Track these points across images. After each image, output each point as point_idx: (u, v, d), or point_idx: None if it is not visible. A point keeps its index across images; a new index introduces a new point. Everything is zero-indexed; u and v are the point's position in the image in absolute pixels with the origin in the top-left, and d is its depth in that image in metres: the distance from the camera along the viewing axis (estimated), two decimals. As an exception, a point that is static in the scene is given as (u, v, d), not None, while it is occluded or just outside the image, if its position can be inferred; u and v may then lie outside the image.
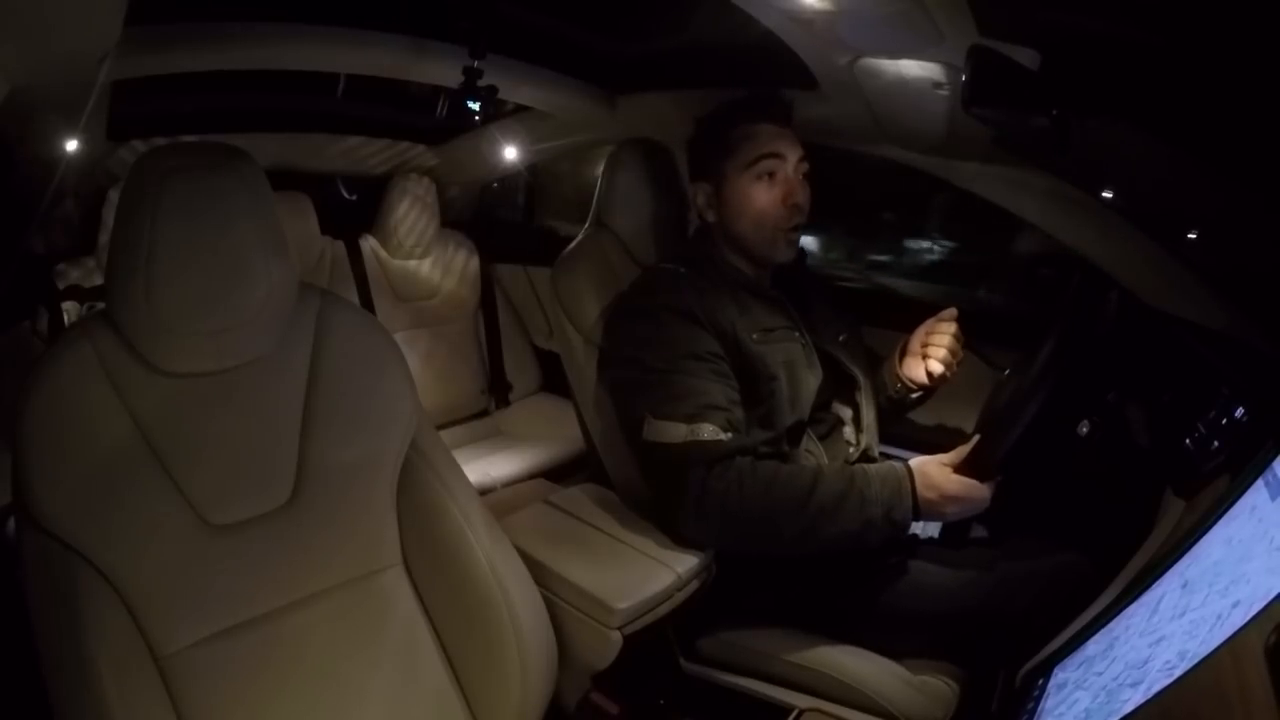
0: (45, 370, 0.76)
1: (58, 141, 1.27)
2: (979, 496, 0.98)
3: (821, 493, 0.98)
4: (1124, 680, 0.62)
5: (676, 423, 1.02)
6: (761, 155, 1.13)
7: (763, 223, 1.14)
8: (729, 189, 1.16)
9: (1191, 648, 0.57)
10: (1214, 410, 0.90)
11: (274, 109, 1.84)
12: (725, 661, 1.12)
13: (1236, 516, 0.67)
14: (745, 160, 1.14)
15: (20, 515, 0.75)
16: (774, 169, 1.13)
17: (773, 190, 1.14)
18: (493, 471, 1.83)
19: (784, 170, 1.14)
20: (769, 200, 1.13)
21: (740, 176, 1.14)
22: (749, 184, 1.14)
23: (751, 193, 1.14)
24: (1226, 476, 0.81)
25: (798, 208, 1.14)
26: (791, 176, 1.14)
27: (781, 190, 1.13)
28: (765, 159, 1.13)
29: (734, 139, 1.15)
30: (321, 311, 0.91)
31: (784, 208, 1.13)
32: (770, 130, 1.14)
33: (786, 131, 1.15)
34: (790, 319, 1.17)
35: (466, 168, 2.18)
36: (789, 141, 1.14)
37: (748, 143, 1.14)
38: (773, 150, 1.13)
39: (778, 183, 1.14)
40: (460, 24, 1.37)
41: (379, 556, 0.92)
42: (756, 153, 1.13)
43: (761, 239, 1.15)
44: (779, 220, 1.14)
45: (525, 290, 2.28)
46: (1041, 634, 0.88)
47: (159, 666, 0.77)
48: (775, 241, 1.15)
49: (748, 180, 1.14)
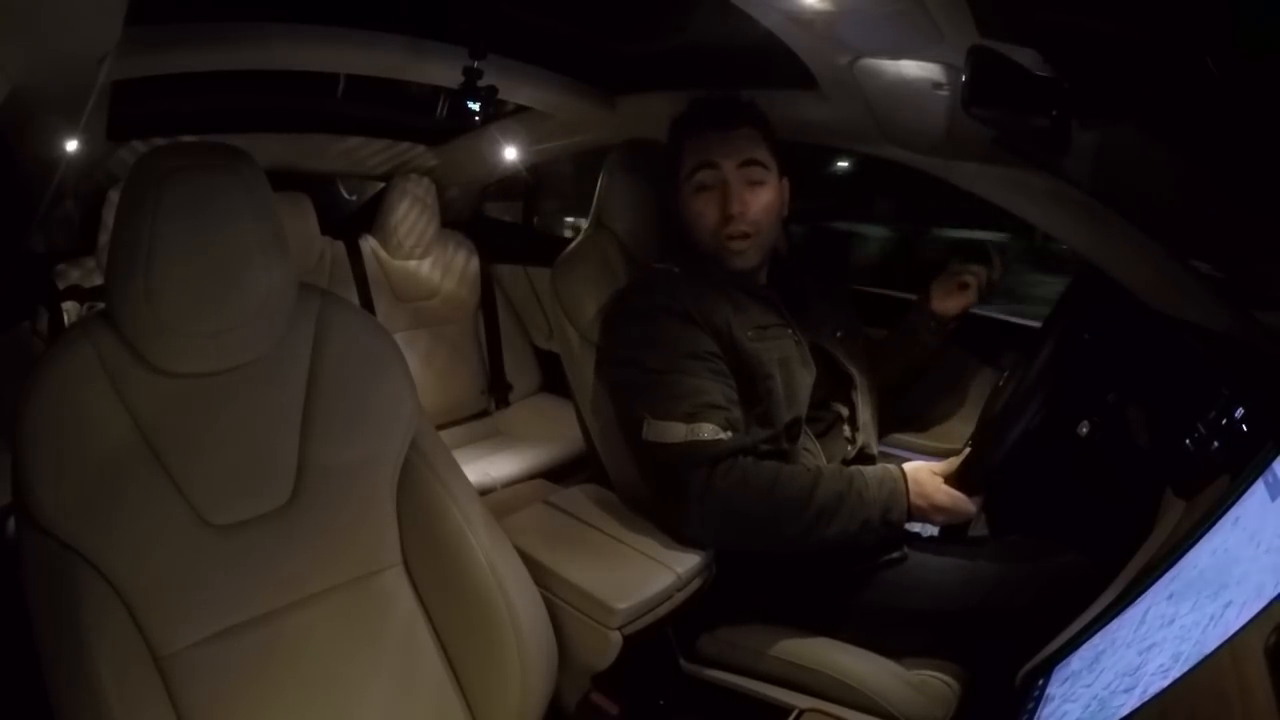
0: (45, 370, 0.76)
1: (58, 141, 1.27)
2: (965, 510, 1.03)
3: (822, 493, 1.00)
4: (1116, 688, 0.62)
5: (676, 422, 1.02)
6: (695, 166, 1.13)
7: (704, 233, 1.15)
8: (679, 200, 1.17)
9: (1185, 649, 0.57)
10: (1214, 410, 0.90)
11: (274, 109, 1.84)
12: (725, 661, 1.12)
13: (1236, 516, 0.67)
14: (684, 173, 1.15)
15: (20, 515, 0.75)
16: (707, 180, 1.13)
17: (709, 201, 1.13)
18: (493, 471, 1.83)
19: (719, 178, 1.12)
20: (706, 211, 1.13)
21: (683, 188, 1.16)
22: (689, 196, 1.15)
23: (691, 204, 1.15)
24: (1226, 476, 0.81)
25: (735, 217, 1.12)
26: (730, 183, 1.12)
27: (717, 200, 1.13)
28: (699, 170, 1.13)
29: (680, 150, 1.16)
30: (321, 312, 0.91)
31: (721, 217, 1.13)
32: (710, 138, 1.13)
33: (730, 136, 1.13)
34: (783, 317, 1.17)
35: (466, 168, 2.18)
36: (729, 148, 1.12)
37: (687, 154, 1.15)
38: (705, 160, 1.12)
39: (714, 195, 1.13)
40: (460, 24, 1.37)
41: (379, 557, 0.92)
42: (690, 164, 1.14)
43: (710, 248, 1.16)
44: (718, 229, 1.13)
45: (525, 290, 2.28)
46: (1041, 634, 0.88)
47: (159, 666, 0.77)
48: (721, 250, 1.15)
49: (688, 192, 1.15)
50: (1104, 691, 0.64)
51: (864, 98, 1.18)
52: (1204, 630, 0.57)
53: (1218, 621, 0.56)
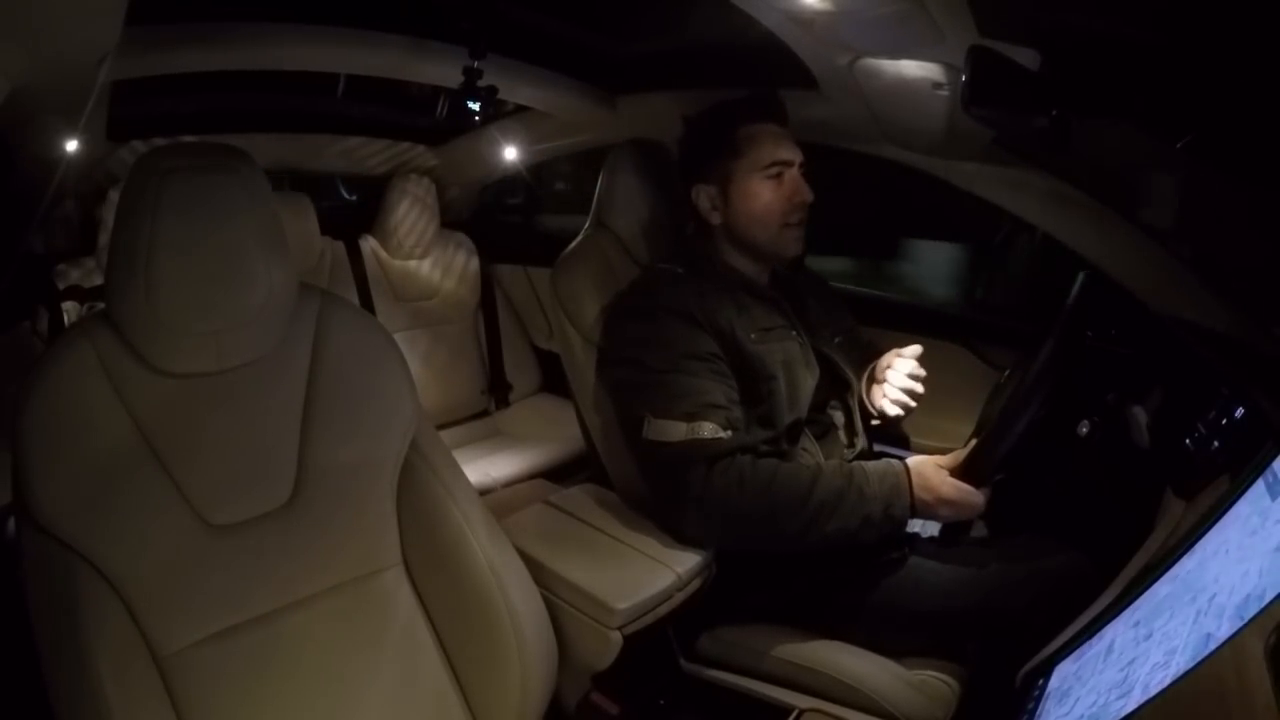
0: (45, 370, 0.76)
1: (58, 141, 1.27)
2: (973, 502, 1.01)
3: (821, 489, 1.00)
4: (1116, 687, 0.63)
5: (676, 422, 1.02)
6: (774, 161, 1.15)
7: (771, 221, 1.16)
8: (737, 190, 1.17)
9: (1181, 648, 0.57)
10: (1214, 410, 0.90)
11: (274, 109, 1.84)
12: (725, 661, 1.12)
13: (1236, 516, 0.67)
14: (757, 164, 1.15)
15: (20, 515, 0.75)
16: (783, 171, 1.16)
17: (781, 189, 1.15)
18: (493, 471, 1.83)
19: (791, 171, 1.16)
20: (778, 199, 1.15)
21: (750, 177, 1.16)
22: (759, 184, 1.15)
23: (761, 193, 1.15)
24: (1226, 476, 0.81)
25: (805, 204, 1.16)
26: (798, 175, 1.16)
27: (790, 188, 1.15)
28: (776, 164, 1.15)
29: (740, 140, 1.16)
30: (321, 312, 0.91)
31: (791, 204, 1.15)
32: (776, 133, 1.17)
33: (788, 133, 1.18)
34: (787, 318, 1.18)
35: (466, 168, 2.18)
36: (793, 145, 1.17)
37: (756, 146, 1.15)
38: (784, 158, 1.16)
39: (786, 182, 1.16)
40: (460, 24, 1.37)
41: (379, 557, 0.92)
42: (770, 158, 1.15)
43: (770, 236, 1.17)
44: (788, 216, 1.16)
45: (525, 290, 2.28)
46: (1041, 634, 0.87)
47: (159, 666, 0.77)
48: (784, 238, 1.17)
49: (758, 181, 1.15)
50: (1104, 691, 0.64)
51: (864, 98, 1.18)
52: (1203, 630, 0.57)
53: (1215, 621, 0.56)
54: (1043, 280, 1.59)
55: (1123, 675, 0.63)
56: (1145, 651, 0.63)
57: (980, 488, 1.01)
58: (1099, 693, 0.65)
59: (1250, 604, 0.54)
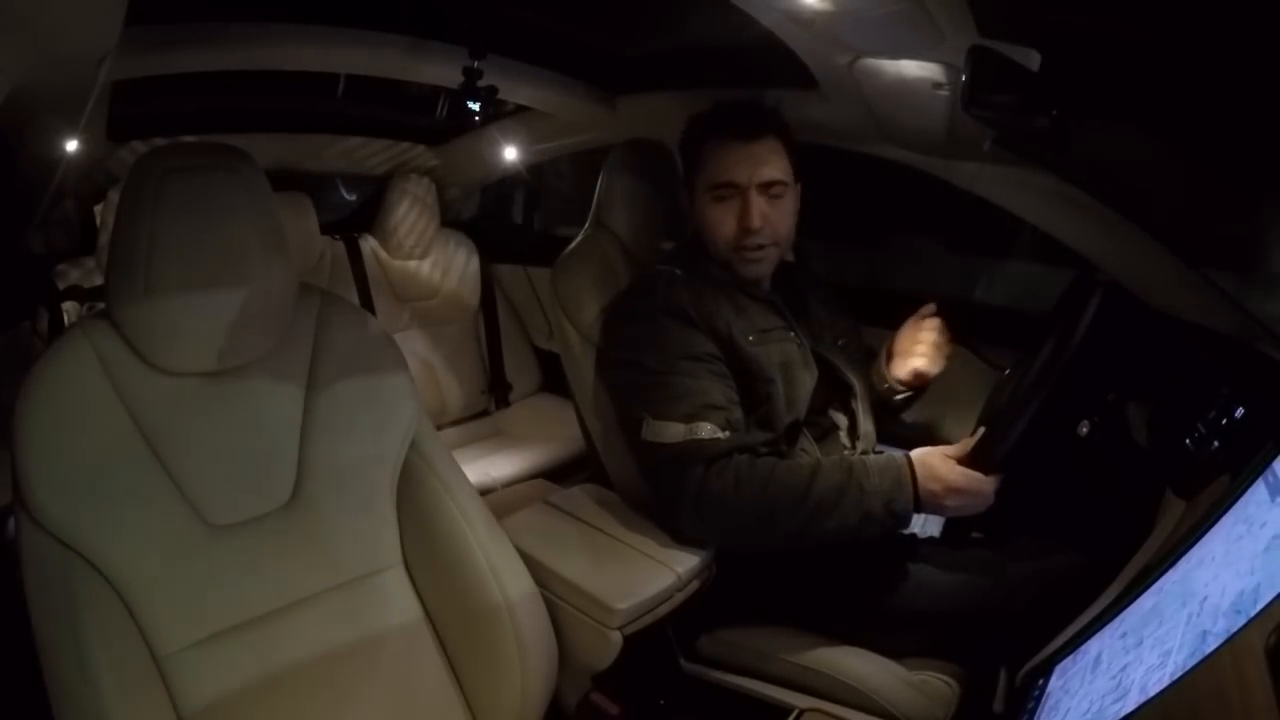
0: (45, 370, 0.76)
1: (58, 141, 1.27)
2: (983, 490, 0.97)
3: (820, 486, 0.98)
4: (1116, 686, 0.63)
5: (675, 423, 1.02)
6: (714, 182, 1.12)
7: (719, 242, 1.14)
8: (694, 205, 1.17)
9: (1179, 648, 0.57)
10: (1214, 410, 0.90)
11: (274, 109, 1.84)
12: (725, 661, 1.12)
13: (1235, 516, 0.67)
14: (706, 183, 1.13)
15: (20, 515, 0.75)
16: (728, 195, 1.12)
17: (728, 213, 1.12)
18: (493, 471, 1.83)
19: (738, 193, 1.11)
20: (724, 222, 1.12)
21: (701, 196, 1.15)
22: (707, 205, 1.14)
23: (708, 214, 1.14)
24: (1226, 476, 0.81)
25: (752, 230, 1.11)
26: (750, 198, 1.11)
27: (736, 213, 1.11)
28: (718, 186, 1.12)
29: (701, 155, 1.14)
30: (321, 311, 0.91)
31: (739, 229, 1.12)
32: (733, 150, 1.11)
33: (753, 149, 1.11)
34: (785, 320, 1.17)
35: (466, 168, 2.18)
36: (751, 163, 1.10)
37: (710, 163, 1.13)
38: (728, 180, 1.11)
39: (731, 205, 1.12)
40: (460, 24, 1.37)
41: (379, 557, 0.92)
42: (713, 179, 1.12)
43: (724, 258, 1.15)
44: (734, 241, 1.13)
45: (525, 290, 2.28)
46: (1041, 634, 0.87)
47: (159, 666, 0.77)
48: (738, 260, 1.14)
49: (706, 201, 1.14)
50: (1097, 699, 0.65)
51: (864, 98, 1.18)
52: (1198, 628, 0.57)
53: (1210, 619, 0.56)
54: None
55: (1115, 682, 0.63)
56: (1139, 657, 0.63)
57: (990, 474, 0.97)
58: (1092, 700, 0.65)
59: (1245, 599, 0.54)
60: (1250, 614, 0.52)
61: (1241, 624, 0.53)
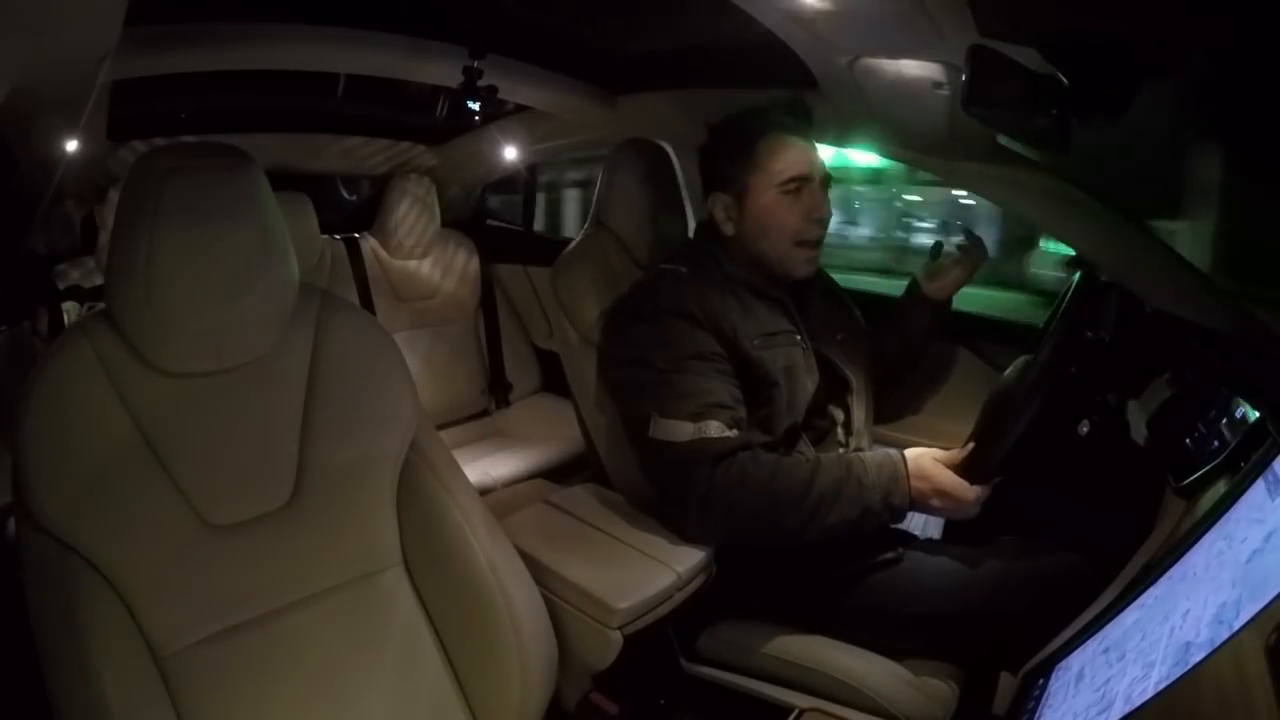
0: (45, 370, 0.76)
1: (58, 141, 1.27)
2: (968, 497, 1.01)
3: (821, 481, 1.00)
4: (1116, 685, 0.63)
5: (683, 421, 1.02)
6: (792, 177, 1.13)
7: (783, 238, 1.15)
8: (753, 203, 1.15)
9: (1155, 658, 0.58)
10: (1214, 410, 0.90)
11: (274, 109, 1.84)
12: (725, 661, 1.12)
13: (1235, 516, 0.67)
14: (775, 180, 1.13)
15: (20, 515, 0.75)
16: (799, 188, 1.14)
17: (798, 205, 1.14)
18: (493, 471, 1.83)
19: (810, 187, 1.14)
20: (793, 216, 1.14)
21: (767, 192, 1.14)
22: (775, 200, 1.14)
23: (778, 208, 1.14)
24: (1226, 476, 0.81)
25: (822, 222, 1.14)
26: (817, 191, 1.14)
27: (807, 205, 1.13)
28: (794, 179, 1.13)
29: (759, 153, 1.14)
30: (321, 311, 0.91)
31: (807, 222, 1.14)
32: (798, 146, 1.14)
33: (811, 146, 1.16)
34: (792, 322, 1.17)
35: (466, 168, 2.18)
36: (815, 159, 1.15)
37: (776, 160, 1.13)
38: (803, 173, 1.13)
39: (804, 198, 1.14)
40: (460, 24, 1.37)
41: (379, 556, 0.92)
42: (788, 174, 1.13)
43: (780, 254, 1.16)
44: (801, 234, 1.14)
45: (525, 290, 2.28)
46: (1041, 634, 0.88)
47: (159, 666, 0.77)
48: (795, 257, 1.15)
49: (774, 196, 1.14)
50: (1080, 712, 0.65)
51: (864, 97, 1.18)
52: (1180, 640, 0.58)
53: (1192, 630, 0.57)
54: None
55: (1099, 694, 0.64)
56: (1122, 670, 0.63)
57: (976, 484, 1.01)
58: (1075, 714, 0.65)
59: (1227, 611, 0.54)
60: (1234, 625, 0.53)
61: (1225, 636, 0.53)
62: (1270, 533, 0.58)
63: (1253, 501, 0.66)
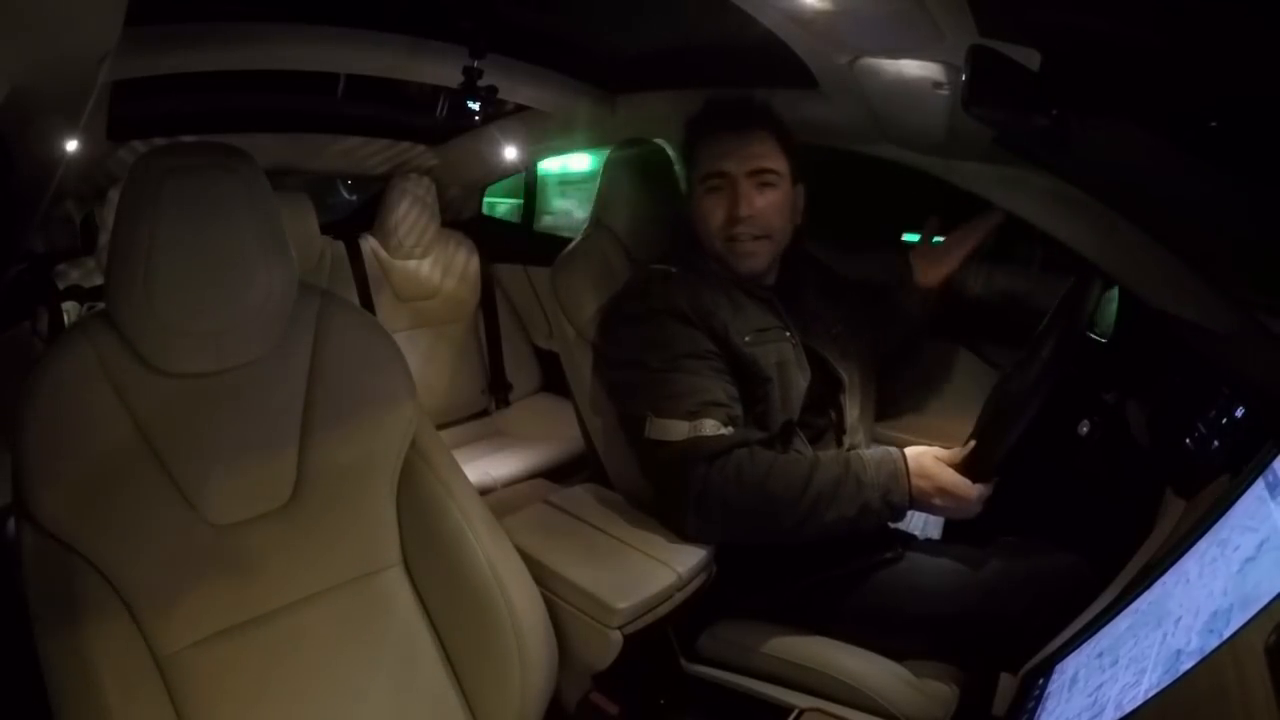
0: (45, 370, 0.76)
1: (58, 141, 1.27)
2: (970, 495, 0.99)
3: (818, 479, 0.99)
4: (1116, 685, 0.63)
5: (678, 421, 1.03)
6: (707, 172, 1.14)
7: (710, 234, 1.15)
8: (692, 200, 1.18)
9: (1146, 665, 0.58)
10: (1214, 410, 0.90)
11: (274, 109, 1.84)
12: (725, 661, 1.12)
13: (1231, 522, 0.67)
14: (699, 174, 1.15)
15: (20, 515, 0.75)
16: (719, 185, 1.14)
17: (719, 203, 1.13)
18: (493, 471, 1.83)
19: (730, 182, 1.13)
20: (714, 211, 1.14)
21: (696, 189, 1.16)
22: (700, 196, 1.16)
23: (701, 205, 1.15)
24: (1226, 476, 0.81)
25: (741, 219, 1.12)
26: (740, 186, 1.12)
27: (727, 203, 1.13)
28: (710, 176, 1.14)
29: (696, 150, 1.16)
30: (321, 311, 0.91)
31: (728, 218, 1.13)
32: (724, 141, 1.13)
33: (744, 139, 1.13)
34: (781, 319, 1.17)
35: (466, 167, 2.18)
36: (742, 154, 1.13)
37: (702, 156, 1.15)
38: (719, 168, 1.13)
39: (723, 195, 1.13)
40: (460, 24, 1.37)
41: (379, 556, 0.92)
42: (705, 169, 1.14)
43: (717, 251, 1.16)
44: (725, 230, 1.14)
45: (525, 290, 2.28)
46: (1041, 634, 0.88)
47: (159, 666, 0.77)
48: (731, 253, 1.15)
49: (700, 193, 1.16)
50: (1080, 709, 0.65)
51: (864, 97, 1.18)
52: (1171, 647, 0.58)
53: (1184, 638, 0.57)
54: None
55: (1091, 699, 0.64)
56: (1114, 675, 0.64)
57: (978, 483, 1.00)
58: (1099, 690, 0.65)
59: (1218, 619, 0.55)
60: (1224, 634, 0.53)
61: (1215, 644, 0.53)
62: (1263, 541, 0.59)
63: (1251, 503, 0.66)
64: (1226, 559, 0.62)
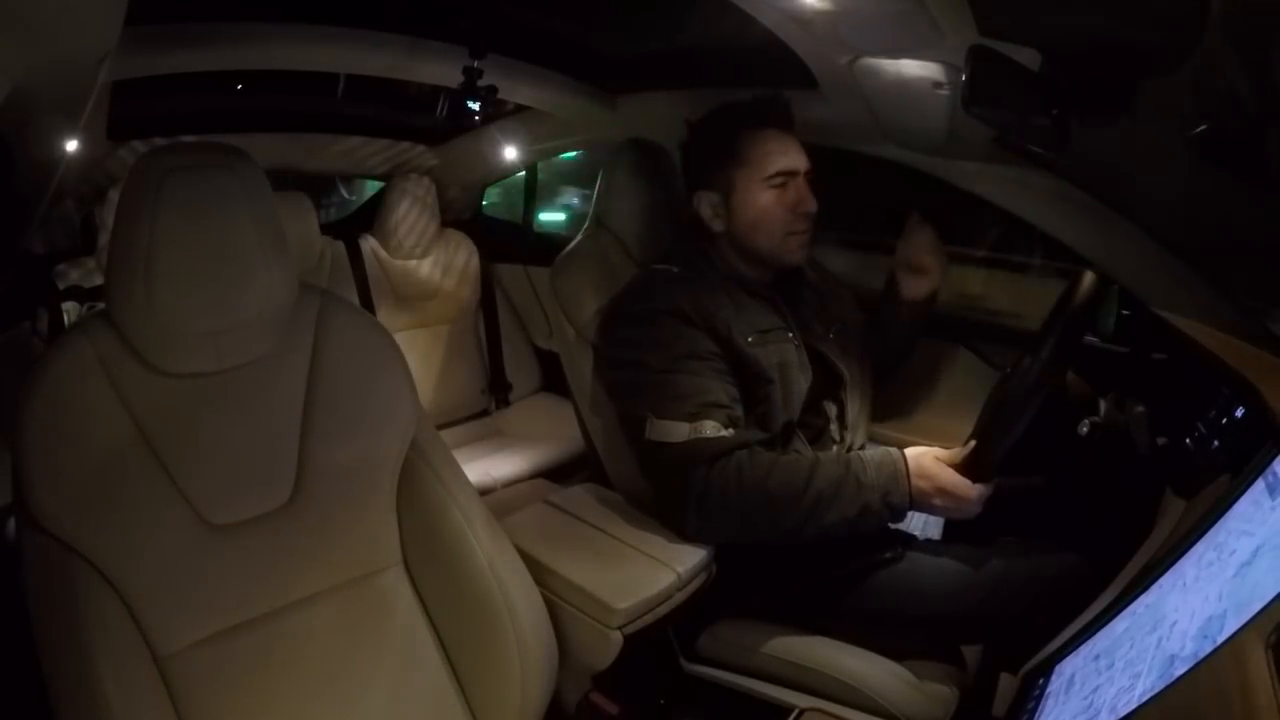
0: (45, 370, 0.76)
1: (58, 141, 1.27)
2: (970, 496, 0.99)
3: (819, 480, 0.99)
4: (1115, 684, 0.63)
5: (679, 422, 1.02)
6: (777, 171, 1.14)
7: (774, 230, 1.15)
8: (740, 198, 1.16)
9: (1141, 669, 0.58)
10: (1214, 410, 0.90)
11: (274, 109, 1.84)
12: (725, 661, 1.12)
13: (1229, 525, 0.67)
14: (762, 174, 1.14)
15: (20, 515, 0.75)
16: (785, 182, 1.14)
17: (784, 198, 1.14)
18: (493, 471, 1.83)
19: (795, 180, 1.15)
20: (781, 208, 1.14)
21: (752, 186, 1.15)
22: (762, 193, 1.14)
23: (764, 202, 1.14)
24: (1226, 476, 0.81)
25: (809, 215, 1.15)
26: (803, 184, 1.15)
27: (794, 197, 1.14)
28: (780, 174, 1.14)
29: (743, 148, 1.15)
30: (321, 311, 0.91)
31: (795, 214, 1.14)
32: (781, 140, 1.15)
33: (794, 138, 1.16)
34: (784, 319, 1.17)
35: (466, 168, 2.18)
36: (800, 152, 1.16)
37: (760, 153, 1.14)
38: (788, 167, 1.14)
39: (790, 191, 1.14)
40: (460, 24, 1.37)
41: (379, 556, 0.92)
42: (774, 168, 1.14)
43: (773, 245, 1.16)
44: (791, 225, 1.15)
45: (525, 290, 2.28)
46: (1041, 634, 0.88)
47: (159, 666, 0.77)
48: (787, 246, 1.16)
49: (760, 189, 1.14)
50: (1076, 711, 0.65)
51: (864, 97, 1.18)
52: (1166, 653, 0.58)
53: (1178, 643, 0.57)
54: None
55: (1087, 703, 0.64)
56: (1110, 679, 0.64)
57: (978, 483, 1.00)
58: (1099, 690, 0.65)
59: (1213, 625, 0.55)
60: (1218, 640, 0.53)
61: (1209, 649, 0.53)
62: (1258, 546, 0.59)
63: (1250, 504, 0.66)
64: (1223, 563, 0.62)
